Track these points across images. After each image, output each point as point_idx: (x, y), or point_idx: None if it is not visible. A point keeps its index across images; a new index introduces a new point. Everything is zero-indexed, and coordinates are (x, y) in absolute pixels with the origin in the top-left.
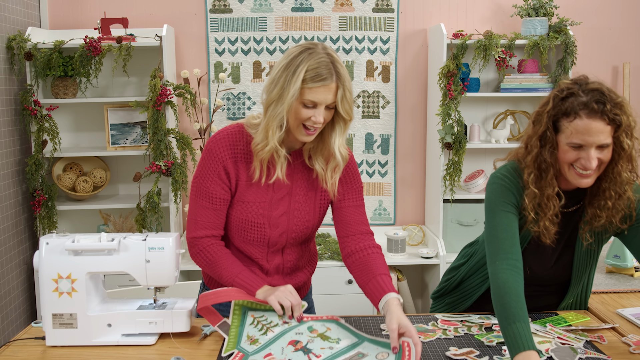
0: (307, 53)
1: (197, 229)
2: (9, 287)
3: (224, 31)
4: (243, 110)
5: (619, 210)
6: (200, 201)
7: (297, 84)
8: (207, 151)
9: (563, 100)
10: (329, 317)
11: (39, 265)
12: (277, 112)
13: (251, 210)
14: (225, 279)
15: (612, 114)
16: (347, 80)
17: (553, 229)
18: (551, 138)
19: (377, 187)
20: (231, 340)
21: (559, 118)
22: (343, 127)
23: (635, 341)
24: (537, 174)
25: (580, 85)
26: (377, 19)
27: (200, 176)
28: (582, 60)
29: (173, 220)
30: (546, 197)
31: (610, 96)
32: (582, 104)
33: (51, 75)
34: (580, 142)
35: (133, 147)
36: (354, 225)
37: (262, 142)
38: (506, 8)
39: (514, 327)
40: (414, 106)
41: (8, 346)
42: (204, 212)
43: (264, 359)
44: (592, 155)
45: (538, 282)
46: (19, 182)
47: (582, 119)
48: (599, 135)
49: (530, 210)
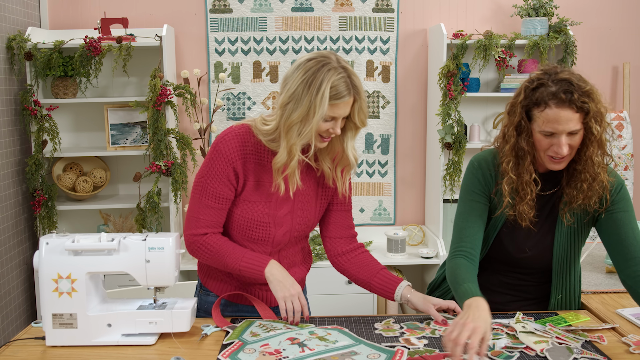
0: (326, 69)
1: (198, 227)
2: (9, 287)
3: (224, 31)
4: (243, 110)
5: (595, 192)
6: (204, 200)
7: (324, 103)
8: (216, 151)
9: (534, 90)
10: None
11: (39, 265)
12: (305, 132)
13: (257, 210)
14: (230, 265)
15: (580, 102)
16: (362, 91)
17: (530, 212)
18: (526, 127)
19: (377, 187)
20: (235, 332)
21: (530, 108)
22: (354, 131)
23: (635, 341)
24: (515, 162)
25: (550, 75)
26: (377, 19)
27: (208, 175)
28: (582, 60)
29: (173, 220)
30: (524, 183)
31: (578, 85)
32: (551, 94)
33: (51, 75)
34: (551, 130)
35: (133, 147)
36: (343, 229)
37: (288, 160)
38: (506, 8)
39: (464, 286)
40: (414, 106)
41: (8, 346)
42: (207, 211)
43: (260, 348)
44: (562, 142)
45: (519, 268)
46: (19, 182)
47: (551, 108)
48: (568, 123)
49: (507, 195)
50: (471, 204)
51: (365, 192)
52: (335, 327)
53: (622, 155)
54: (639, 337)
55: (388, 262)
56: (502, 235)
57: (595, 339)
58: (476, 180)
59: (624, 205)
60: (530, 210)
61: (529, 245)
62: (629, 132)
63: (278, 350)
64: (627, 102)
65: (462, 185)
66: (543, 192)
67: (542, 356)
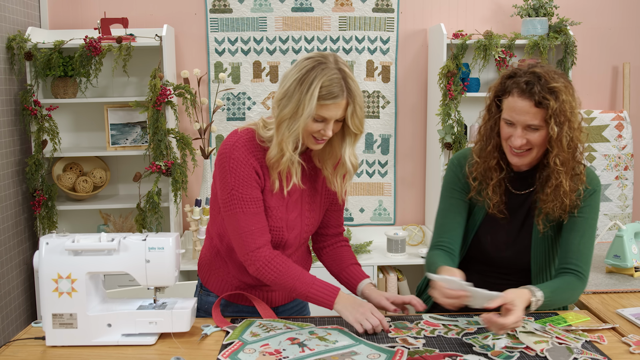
0: (320, 68)
1: (255, 239)
2: (9, 287)
3: (224, 31)
4: (243, 110)
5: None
6: (251, 208)
7: (312, 102)
8: (234, 160)
9: (507, 78)
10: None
11: (38, 265)
12: (292, 130)
13: (272, 215)
14: (299, 290)
15: (540, 97)
16: (358, 95)
17: (495, 199)
18: (494, 112)
19: (377, 187)
20: (235, 332)
21: (500, 95)
22: (354, 138)
23: (635, 341)
24: (482, 145)
25: (528, 68)
26: (377, 19)
27: (239, 185)
28: (582, 60)
29: (173, 220)
30: (488, 167)
31: (546, 80)
32: (515, 83)
33: (51, 75)
34: (510, 119)
35: (133, 147)
36: (333, 227)
37: (278, 155)
38: (506, 8)
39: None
40: (414, 106)
41: (8, 346)
42: (257, 219)
43: (260, 348)
44: (518, 133)
45: (498, 267)
46: (19, 182)
47: (513, 96)
48: (525, 115)
49: (474, 180)
50: (451, 200)
51: (365, 192)
52: (335, 327)
53: (622, 155)
54: (639, 337)
55: (388, 262)
56: (480, 234)
57: (595, 339)
58: (455, 177)
59: (586, 212)
60: (494, 197)
61: (507, 244)
62: (629, 132)
63: (278, 350)
64: (627, 102)
65: (442, 182)
66: (518, 190)
67: (542, 356)
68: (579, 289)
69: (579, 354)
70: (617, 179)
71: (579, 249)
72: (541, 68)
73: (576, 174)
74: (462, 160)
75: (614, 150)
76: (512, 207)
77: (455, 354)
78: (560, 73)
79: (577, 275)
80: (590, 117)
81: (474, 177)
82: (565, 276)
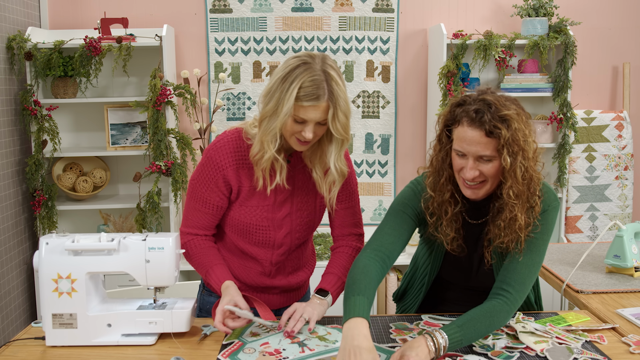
0: (303, 68)
1: (187, 226)
2: (9, 287)
3: (224, 31)
4: (243, 110)
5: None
6: (194, 203)
7: (290, 101)
8: (207, 158)
9: (457, 107)
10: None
11: (38, 265)
12: (271, 127)
13: (255, 214)
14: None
15: (490, 125)
16: (341, 99)
17: (451, 234)
18: (445, 142)
19: (377, 187)
20: (235, 332)
21: (450, 124)
22: (340, 144)
23: (635, 341)
24: (434, 178)
25: (478, 95)
26: (377, 19)
27: (198, 180)
28: (582, 60)
29: (173, 220)
30: (442, 201)
31: (496, 108)
32: (465, 111)
33: (51, 75)
34: (461, 150)
35: (133, 147)
36: (345, 227)
37: (259, 152)
38: (506, 8)
39: (353, 299)
40: (414, 106)
41: (8, 346)
42: (196, 214)
43: (260, 347)
44: (470, 164)
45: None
46: (19, 182)
47: (463, 126)
48: (477, 145)
49: (431, 215)
50: (400, 214)
51: (365, 192)
52: (335, 327)
53: (622, 155)
54: (639, 337)
55: None
56: (443, 273)
57: (595, 339)
58: (413, 195)
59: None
60: (450, 232)
61: (472, 275)
62: (628, 132)
63: (278, 350)
64: (627, 102)
65: (396, 197)
66: (474, 220)
67: (542, 356)
68: (504, 315)
69: (579, 354)
70: (617, 179)
71: (515, 269)
72: (491, 95)
73: (531, 206)
74: (422, 181)
75: (614, 150)
76: (471, 238)
77: (455, 354)
78: (512, 99)
79: (504, 299)
80: (590, 117)
81: (430, 212)
82: (488, 302)
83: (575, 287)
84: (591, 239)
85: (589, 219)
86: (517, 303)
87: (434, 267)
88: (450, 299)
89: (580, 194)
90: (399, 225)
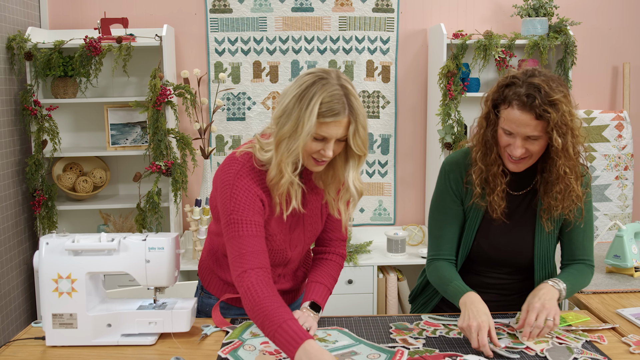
0: (320, 84)
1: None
2: (9, 287)
3: (224, 31)
4: (243, 110)
5: (572, 203)
6: (246, 231)
7: (312, 119)
8: (238, 189)
9: (505, 87)
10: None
11: (39, 265)
12: (292, 149)
13: (275, 240)
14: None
15: (540, 110)
16: (361, 114)
17: (502, 204)
18: (493, 120)
19: (377, 187)
20: (235, 332)
21: (498, 103)
22: (357, 161)
23: (635, 341)
24: (483, 151)
25: (526, 76)
26: (377, 19)
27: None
28: (582, 60)
29: (173, 220)
30: (492, 175)
31: (546, 92)
32: (516, 94)
33: (51, 75)
34: (509, 130)
35: (133, 147)
36: (331, 232)
37: (277, 177)
38: (506, 8)
39: (453, 284)
40: (414, 106)
41: (8, 346)
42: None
43: (260, 345)
44: (517, 144)
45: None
46: (19, 182)
47: (513, 108)
48: (526, 127)
49: (477, 185)
50: (445, 209)
51: (365, 192)
52: (335, 328)
53: (622, 155)
54: (639, 337)
55: (388, 262)
56: (479, 238)
57: (595, 339)
58: (447, 185)
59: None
60: (501, 202)
61: (506, 245)
62: (629, 132)
63: (278, 350)
64: (627, 102)
65: (435, 189)
66: (515, 191)
67: (542, 356)
68: (590, 275)
69: (579, 354)
70: (617, 179)
71: (583, 245)
72: (539, 77)
73: (582, 175)
74: (453, 166)
75: (614, 150)
76: (511, 208)
77: (455, 354)
78: (557, 80)
79: (586, 264)
80: (590, 117)
81: (477, 183)
82: (575, 265)
83: None
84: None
85: None
86: (593, 269)
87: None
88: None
89: None
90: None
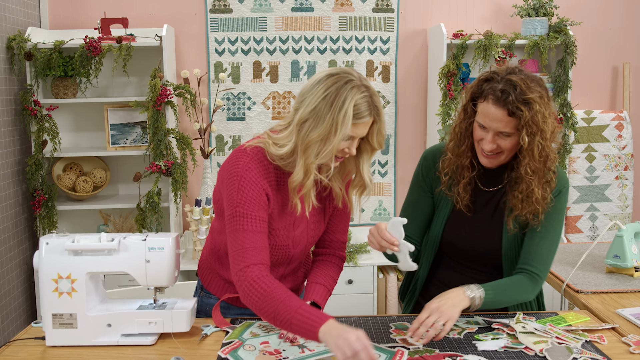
0: (350, 85)
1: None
2: (9, 287)
3: (224, 31)
4: (243, 110)
5: (531, 206)
6: (249, 226)
7: (348, 121)
8: (246, 181)
9: (485, 82)
10: None
11: (38, 265)
12: (325, 152)
13: (279, 235)
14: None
15: (513, 107)
16: (382, 112)
17: (465, 197)
18: (470, 113)
19: (377, 187)
20: (235, 332)
21: (476, 97)
22: (370, 153)
23: (635, 341)
24: (456, 142)
25: (506, 73)
26: (377, 19)
27: (246, 203)
28: (582, 60)
29: (173, 220)
30: (460, 166)
31: (521, 90)
32: (492, 89)
33: (51, 75)
34: (483, 124)
35: (133, 147)
36: (333, 233)
37: (304, 179)
38: (506, 8)
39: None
40: (414, 106)
41: (8, 346)
42: (255, 237)
43: (260, 345)
44: (489, 138)
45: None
46: (19, 182)
47: (488, 103)
48: (498, 122)
49: (445, 175)
50: (412, 195)
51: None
52: None
53: (622, 155)
54: (639, 337)
55: (388, 262)
56: (447, 229)
57: (595, 339)
58: (418, 172)
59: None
60: (465, 194)
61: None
62: (628, 132)
63: (278, 350)
64: (627, 102)
65: (413, 175)
66: (486, 187)
67: (541, 356)
68: (530, 289)
69: (579, 354)
70: (617, 179)
71: (537, 251)
72: (518, 75)
73: (547, 181)
74: (429, 155)
75: (614, 150)
76: (480, 203)
77: (455, 354)
78: (537, 80)
79: (530, 275)
80: (590, 117)
81: (445, 172)
82: (517, 275)
83: (575, 287)
84: (591, 239)
85: (589, 219)
86: (541, 281)
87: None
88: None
89: (580, 194)
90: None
